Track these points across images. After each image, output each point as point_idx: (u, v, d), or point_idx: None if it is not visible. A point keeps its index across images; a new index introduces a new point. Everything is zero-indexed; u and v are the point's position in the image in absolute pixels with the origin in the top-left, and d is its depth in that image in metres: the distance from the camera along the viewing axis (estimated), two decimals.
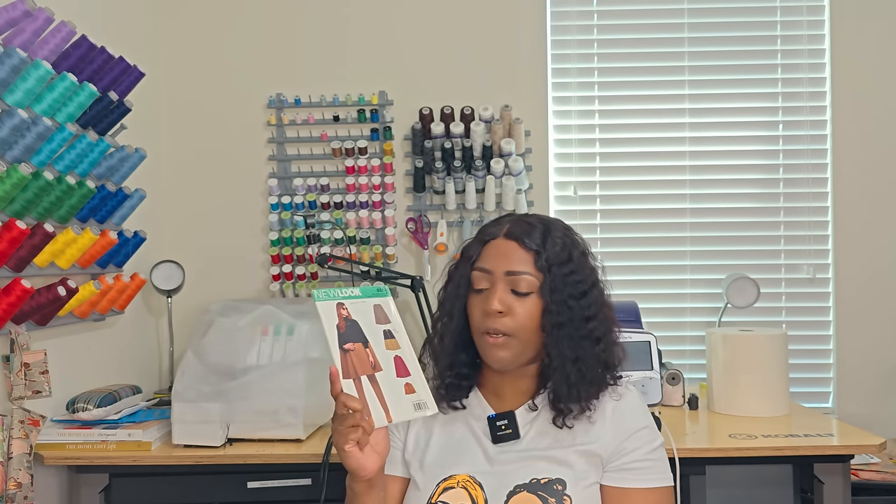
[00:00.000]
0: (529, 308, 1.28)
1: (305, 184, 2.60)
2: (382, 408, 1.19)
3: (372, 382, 1.20)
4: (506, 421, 1.31)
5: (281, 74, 2.66)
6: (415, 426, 1.38)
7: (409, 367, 1.23)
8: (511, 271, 1.29)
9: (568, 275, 1.29)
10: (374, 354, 1.22)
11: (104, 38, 2.03)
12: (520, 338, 1.28)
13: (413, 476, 1.34)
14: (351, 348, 1.21)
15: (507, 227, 1.33)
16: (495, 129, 2.54)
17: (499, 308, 1.27)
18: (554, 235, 1.32)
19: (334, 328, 1.21)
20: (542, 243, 1.30)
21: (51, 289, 1.78)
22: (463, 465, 1.31)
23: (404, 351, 1.24)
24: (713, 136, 2.68)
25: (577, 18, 2.69)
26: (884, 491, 2.05)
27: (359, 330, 1.23)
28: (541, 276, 1.28)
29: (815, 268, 2.64)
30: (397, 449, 1.37)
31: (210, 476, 1.89)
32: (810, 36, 2.66)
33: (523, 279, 1.28)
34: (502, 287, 1.29)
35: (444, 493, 1.28)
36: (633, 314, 2.36)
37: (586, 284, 1.31)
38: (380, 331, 1.24)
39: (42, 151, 1.78)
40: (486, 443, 1.32)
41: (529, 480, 1.26)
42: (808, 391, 2.60)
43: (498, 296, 1.28)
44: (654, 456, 1.30)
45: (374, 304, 1.27)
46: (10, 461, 1.66)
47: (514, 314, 1.28)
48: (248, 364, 1.93)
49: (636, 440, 1.29)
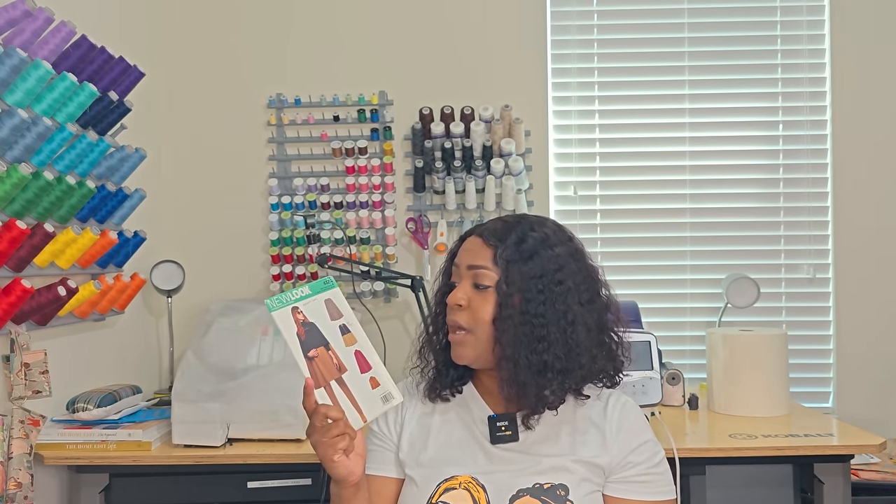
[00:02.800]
0: (486, 303, 1.28)
1: (305, 184, 2.60)
2: (356, 409, 1.19)
3: (341, 385, 1.19)
4: (506, 422, 1.31)
5: (281, 74, 2.66)
6: (409, 426, 1.37)
7: (369, 361, 1.22)
8: (471, 265, 1.31)
9: (526, 271, 1.27)
10: (336, 355, 1.21)
11: (104, 38, 2.03)
12: (477, 333, 1.28)
13: (410, 475, 1.33)
14: (315, 355, 1.20)
15: (481, 225, 1.36)
16: (495, 129, 2.54)
17: (458, 301, 1.29)
18: (521, 232, 1.31)
19: (295, 337, 1.19)
20: (502, 239, 1.30)
21: (51, 289, 1.78)
22: (463, 465, 1.30)
23: (362, 344, 1.23)
24: (713, 136, 2.68)
25: (577, 18, 2.69)
26: (884, 491, 2.05)
27: (318, 332, 1.21)
28: (499, 270, 1.28)
29: (815, 268, 2.64)
30: (389, 451, 1.36)
31: (210, 476, 1.89)
32: (810, 36, 2.66)
33: (482, 273, 1.29)
34: (465, 281, 1.31)
35: (446, 493, 1.28)
36: (633, 314, 2.36)
37: (549, 284, 1.28)
38: (336, 328, 1.23)
39: (42, 151, 1.78)
40: (486, 443, 1.32)
41: (533, 485, 1.26)
42: (808, 391, 2.60)
43: (459, 290, 1.30)
44: (658, 470, 1.30)
45: (325, 299, 1.25)
46: (10, 461, 1.66)
47: (472, 308, 1.29)
48: (248, 364, 1.93)
49: (640, 454, 1.29)
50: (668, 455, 1.59)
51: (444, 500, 1.27)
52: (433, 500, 1.28)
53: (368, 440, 1.39)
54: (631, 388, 2.05)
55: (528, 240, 1.30)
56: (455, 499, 1.27)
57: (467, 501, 1.26)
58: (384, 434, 1.38)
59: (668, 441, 1.76)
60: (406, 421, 1.37)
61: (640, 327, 2.31)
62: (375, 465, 1.36)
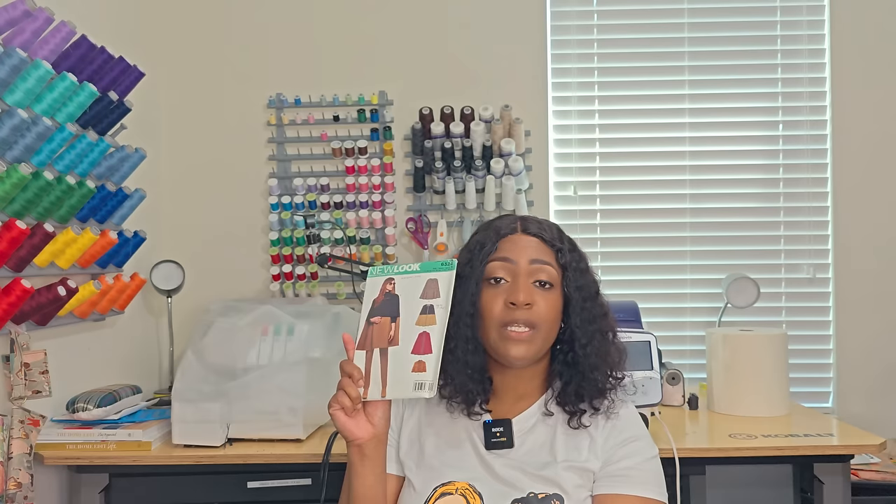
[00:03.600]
0: (552, 300, 1.28)
1: (305, 184, 2.60)
2: (382, 382, 1.19)
3: (382, 356, 1.20)
4: (501, 428, 1.30)
5: (281, 74, 2.66)
6: (408, 425, 1.37)
7: (432, 346, 1.19)
8: (536, 259, 1.28)
9: (583, 274, 1.32)
10: (397, 329, 1.21)
11: (104, 38, 2.03)
12: (542, 331, 1.27)
13: (408, 477, 1.33)
14: (377, 321, 1.22)
15: (520, 223, 1.34)
16: (495, 129, 2.54)
17: (527, 300, 1.25)
18: (566, 237, 1.35)
19: (370, 302, 1.24)
20: (560, 240, 1.33)
21: (51, 289, 1.78)
22: (459, 470, 1.30)
23: (435, 329, 1.19)
24: (713, 136, 2.68)
25: (577, 18, 2.69)
26: (884, 491, 2.05)
27: (395, 304, 1.22)
28: (561, 271, 1.30)
29: (815, 268, 2.64)
30: (391, 447, 1.35)
31: (210, 476, 1.89)
32: (810, 36, 2.66)
33: (546, 270, 1.28)
34: (525, 279, 1.27)
35: (442, 497, 1.27)
36: (633, 314, 2.36)
37: (596, 287, 1.35)
38: (420, 305, 1.21)
39: (42, 151, 1.78)
40: (481, 448, 1.31)
41: (528, 494, 1.25)
42: (808, 391, 2.59)
43: (524, 288, 1.26)
44: (648, 466, 1.28)
45: (430, 278, 1.23)
46: (10, 461, 1.66)
47: (538, 306, 1.26)
48: (248, 364, 1.93)
49: (627, 449, 1.28)
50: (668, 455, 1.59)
51: None
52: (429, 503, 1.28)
53: None
54: (631, 388, 2.05)
55: (573, 246, 1.35)
56: None
57: None
58: (392, 431, 1.37)
59: (668, 441, 1.76)
60: (405, 419, 1.37)
61: (640, 327, 2.31)
62: None
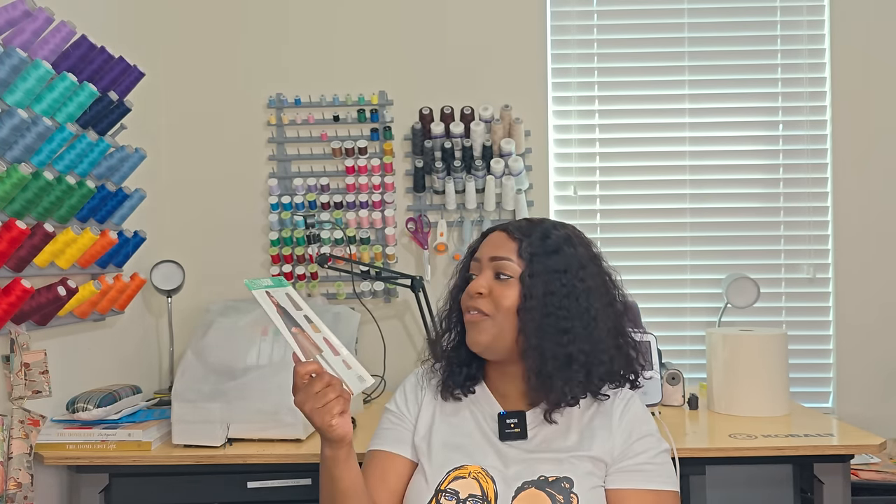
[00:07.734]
0: (507, 291, 1.32)
1: (305, 184, 2.60)
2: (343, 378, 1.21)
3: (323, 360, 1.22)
4: (516, 420, 1.34)
5: (281, 74, 2.66)
6: (426, 411, 1.40)
7: (336, 347, 1.24)
8: (494, 256, 1.35)
9: (551, 265, 1.32)
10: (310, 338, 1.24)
11: (104, 38, 2.03)
12: (496, 319, 1.32)
13: (421, 461, 1.36)
14: (298, 332, 1.23)
15: (506, 222, 1.42)
16: (495, 129, 2.54)
17: (478, 290, 1.34)
18: (545, 230, 1.37)
19: (275, 314, 1.22)
20: (527, 234, 1.36)
21: (51, 289, 1.78)
22: (472, 456, 1.34)
23: (326, 333, 1.26)
24: (713, 136, 2.68)
25: (577, 18, 2.69)
26: (884, 491, 2.05)
27: (290, 316, 1.25)
28: (522, 263, 1.33)
29: (815, 268, 2.64)
30: (407, 430, 1.40)
31: (210, 476, 1.89)
32: (810, 36, 2.66)
33: (504, 264, 1.34)
34: (487, 272, 1.35)
35: (455, 481, 1.31)
36: (634, 314, 2.36)
37: (572, 280, 1.32)
38: (301, 316, 1.26)
39: (42, 151, 1.78)
40: (494, 439, 1.35)
41: (538, 477, 1.28)
42: (808, 391, 2.60)
43: (481, 279, 1.35)
44: (659, 460, 1.32)
45: (286, 292, 1.28)
46: (10, 461, 1.66)
47: (493, 296, 1.33)
48: (248, 364, 1.93)
49: (642, 444, 1.31)
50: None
51: (453, 487, 1.30)
52: (442, 486, 1.30)
53: (385, 419, 1.44)
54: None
55: (552, 236, 1.36)
56: (464, 487, 1.29)
57: (475, 490, 1.29)
58: (402, 414, 1.42)
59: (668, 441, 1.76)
60: (424, 404, 1.41)
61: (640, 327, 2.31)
62: (392, 444, 1.39)
